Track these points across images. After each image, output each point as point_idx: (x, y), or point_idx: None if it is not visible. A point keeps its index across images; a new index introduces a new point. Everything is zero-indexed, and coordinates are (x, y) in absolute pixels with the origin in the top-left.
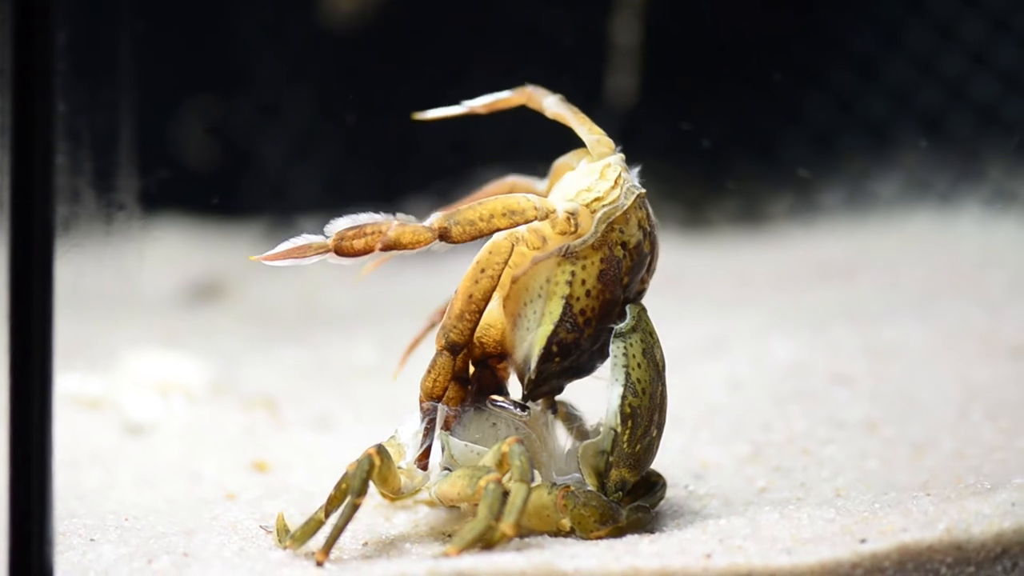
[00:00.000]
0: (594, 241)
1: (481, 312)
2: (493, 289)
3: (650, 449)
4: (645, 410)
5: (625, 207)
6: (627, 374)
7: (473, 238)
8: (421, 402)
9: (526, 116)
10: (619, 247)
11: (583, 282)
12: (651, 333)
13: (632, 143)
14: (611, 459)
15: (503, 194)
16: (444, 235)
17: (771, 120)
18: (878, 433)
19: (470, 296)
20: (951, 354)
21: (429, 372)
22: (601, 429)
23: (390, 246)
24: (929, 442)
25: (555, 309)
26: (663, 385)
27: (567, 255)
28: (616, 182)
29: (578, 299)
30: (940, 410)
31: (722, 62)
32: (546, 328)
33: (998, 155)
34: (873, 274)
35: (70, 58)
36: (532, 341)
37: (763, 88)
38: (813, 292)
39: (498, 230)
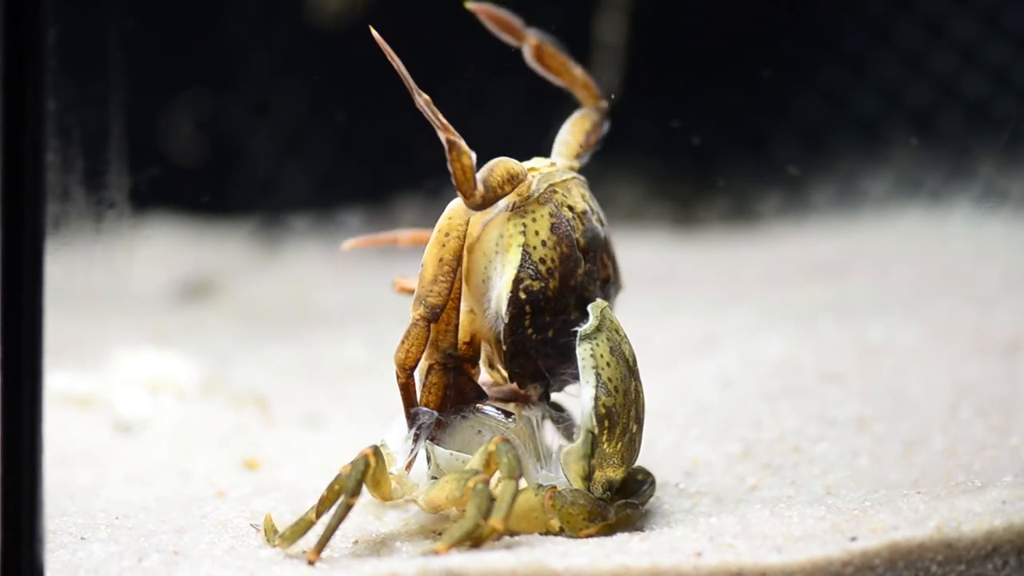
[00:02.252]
0: (539, 196)
1: (454, 273)
2: (461, 248)
3: (632, 445)
4: (620, 407)
5: (564, 178)
6: (597, 374)
7: (448, 287)
8: (397, 376)
9: (519, 113)
10: (566, 208)
11: (536, 233)
12: (617, 330)
13: (619, 141)
14: (593, 462)
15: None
16: (432, 316)
17: (761, 118)
18: (869, 431)
19: (440, 259)
20: (942, 351)
21: (403, 342)
22: (580, 434)
23: (404, 369)
24: (920, 440)
25: (514, 257)
26: (636, 380)
27: (515, 210)
28: (554, 164)
29: (535, 248)
30: (931, 407)
31: (711, 59)
32: (509, 274)
33: (989, 153)
34: (864, 272)
35: (60, 55)
36: (499, 295)
37: (753, 86)
38: (804, 290)
39: (456, 258)
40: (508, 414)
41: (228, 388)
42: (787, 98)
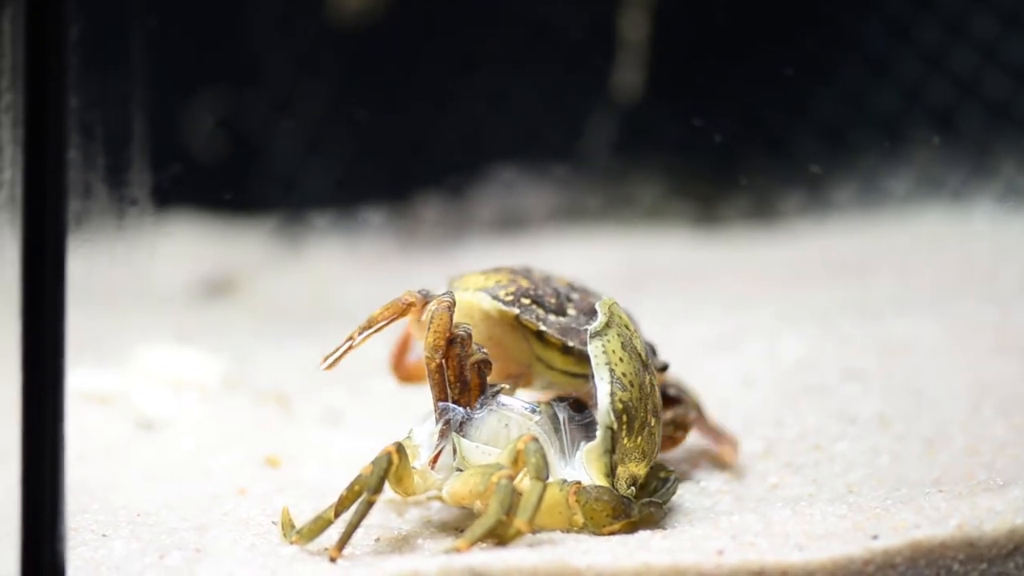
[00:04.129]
0: None
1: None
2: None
3: (651, 439)
4: (637, 401)
5: None
6: (611, 371)
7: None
8: (428, 362)
9: (538, 110)
10: None
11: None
12: (627, 325)
13: (641, 139)
14: (615, 457)
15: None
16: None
17: (783, 116)
18: (890, 429)
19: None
20: (963, 350)
21: (430, 328)
22: (599, 431)
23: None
24: (941, 438)
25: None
26: (651, 374)
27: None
28: None
29: None
30: (952, 406)
31: (733, 58)
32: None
33: (1010, 151)
34: (885, 270)
35: (82, 52)
36: None
37: (775, 84)
38: (825, 288)
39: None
40: (534, 408)
41: (249, 385)
42: (809, 97)
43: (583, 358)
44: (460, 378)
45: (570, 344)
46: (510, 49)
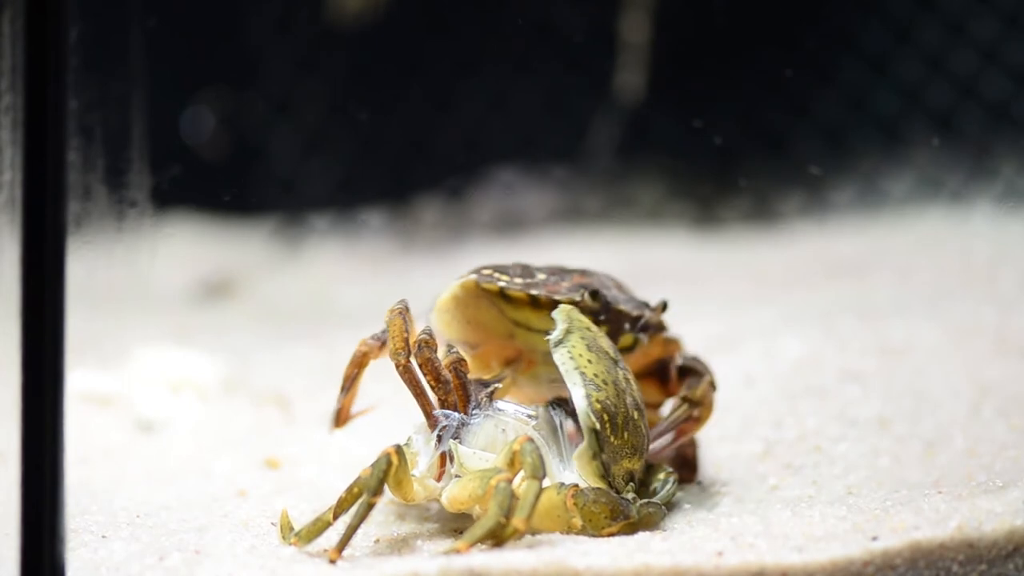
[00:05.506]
0: None
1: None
2: None
3: (638, 431)
4: (615, 398)
5: None
6: (581, 374)
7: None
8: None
9: (536, 114)
10: None
11: None
12: (588, 327)
13: (641, 140)
14: (604, 458)
15: None
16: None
17: (782, 118)
18: (890, 430)
19: None
20: (963, 351)
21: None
22: (584, 435)
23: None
24: (941, 440)
25: None
26: (622, 369)
27: None
28: None
29: None
30: (952, 407)
31: (733, 59)
32: None
33: (1010, 152)
34: (885, 272)
35: (82, 54)
36: None
37: (774, 86)
38: (825, 289)
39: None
40: (532, 416)
41: (249, 387)
42: (808, 98)
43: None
44: (441, 381)
45: (534, 294)
46: (510, 50)
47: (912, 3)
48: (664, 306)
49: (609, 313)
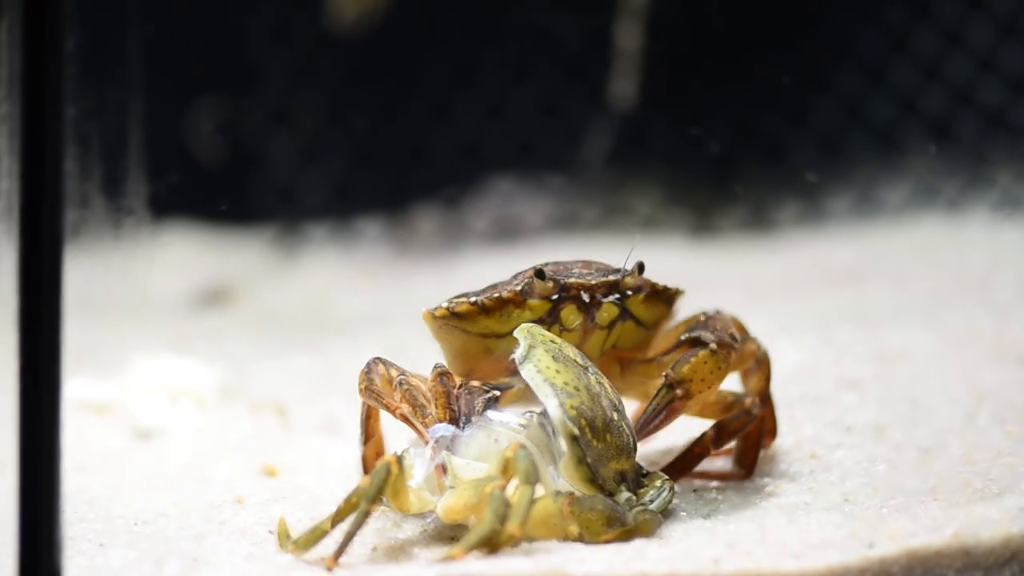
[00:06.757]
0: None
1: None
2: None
3: (620, 431)
4: (589, 402)
5: None
6: (551, 385)
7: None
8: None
9: (532, 123)
10: None
11: None
12: (552, 340)
13: (637, 149)
14: (590, 462)
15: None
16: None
17: (779, 126)
18: (886, 437)
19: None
20: (959, 358)
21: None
22: (564, 444)
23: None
24: (937, 446)
25: None
26: (594, 373)
27: None
28: None
29: None
30: (948, 415)
31: (729, 67)
32: None
33: (1007, 160)
34: (881, 279)
35: (79, 62)
36: None
37: (771, 93)
38: (821, 297)
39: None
40: (524, 425)
41: (246, 395)
42: (805, 106)
43: (504, 309)
44: (450, 407)
45: (475, 300)
46: (506, 59)
47: (908, 11)
48: (641, 267)
49: (566, 290)
